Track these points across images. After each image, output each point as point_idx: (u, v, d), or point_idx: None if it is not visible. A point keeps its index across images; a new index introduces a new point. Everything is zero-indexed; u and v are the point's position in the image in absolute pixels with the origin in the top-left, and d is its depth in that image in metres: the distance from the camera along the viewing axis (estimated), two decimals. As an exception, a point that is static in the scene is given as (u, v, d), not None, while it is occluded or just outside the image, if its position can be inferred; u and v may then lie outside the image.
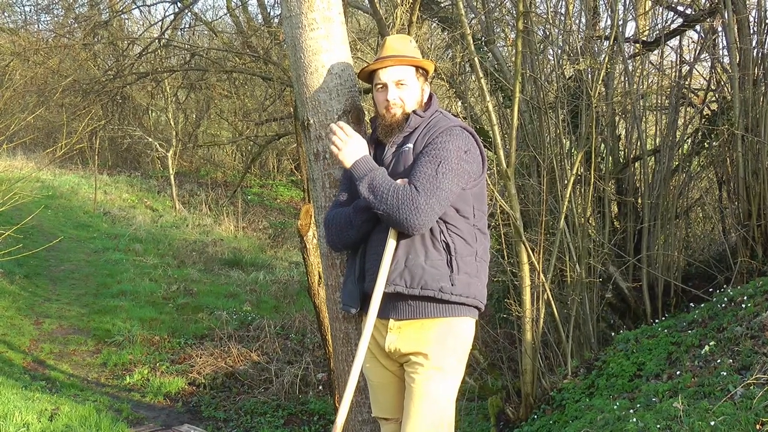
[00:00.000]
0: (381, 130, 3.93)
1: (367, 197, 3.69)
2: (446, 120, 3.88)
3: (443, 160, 3.67)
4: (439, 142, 3.73)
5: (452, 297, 3.70)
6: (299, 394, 9.86)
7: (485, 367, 9.04)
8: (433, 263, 3.69)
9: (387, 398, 3.98)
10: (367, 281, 3.82)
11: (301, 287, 13.98)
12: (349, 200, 3.92)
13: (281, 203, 23.99)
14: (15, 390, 8.40)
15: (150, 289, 13.54)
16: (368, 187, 3.70)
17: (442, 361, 3.76)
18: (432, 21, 12.39)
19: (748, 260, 8.38)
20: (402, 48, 3.94)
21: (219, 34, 20.40)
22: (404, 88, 3.89)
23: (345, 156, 3.83)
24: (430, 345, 3.75)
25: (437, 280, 3.67)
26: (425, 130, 3.82)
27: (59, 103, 18.94)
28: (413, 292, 3.67)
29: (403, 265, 3.68)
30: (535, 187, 9.07)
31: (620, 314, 9.60)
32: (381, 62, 3.91)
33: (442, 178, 3.64)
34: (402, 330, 3.78)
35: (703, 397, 5.56)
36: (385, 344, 3.82)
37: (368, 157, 3.82)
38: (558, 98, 8.92)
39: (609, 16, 9.59)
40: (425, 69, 3.99)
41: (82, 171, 22.51)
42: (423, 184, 3.61)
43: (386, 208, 3.63)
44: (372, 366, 3.94)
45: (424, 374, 3.75)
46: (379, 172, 3.73)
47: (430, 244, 3.69)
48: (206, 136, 25.99)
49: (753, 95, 8.62)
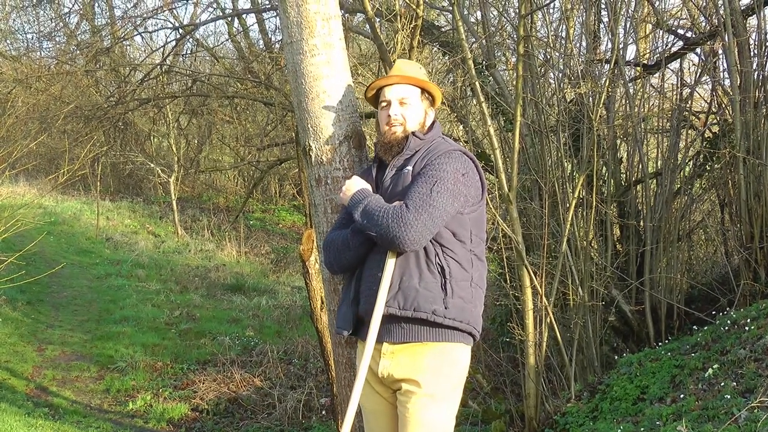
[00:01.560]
0: (380, 147, 3.95)
1: (361, 222, 3.72)
2: (446, 144, 3.90)
3: (439, 180, 3.68)
4: (437, 163, 3.75)
5: (445, 320, 3.69)
6: (302, 419, 9.80)
7: (488, 391, 9.02)
8: (427, 285, 3.67)
9: (380, 426, 3.97)
10: (362, 304, 3.80)
11: (304, 312, 13.94)
12: (348, 223, 3.93)
13: (283, 228, 23.98)
14: (18, 417, 8.37)
15: (152, 314, 13.51)
16: (362, 213, 3.72)
17: (434, 388, 3.74)
18: (433, 45, 12.46)
19: (750, 283, 8.37)
20: (410, 70, 3.98)
21: (221, 60, 20.54)
22: (407, 107, 3.92)
23: (344, 193, 3.88)
24: (423, 372, 3.73)
25: (430, 303, 3.66)
26: (425, 153, 3.84)
27: (61, 130, 19.03)
28: (406, 313, 3.66)
29: (397, 287, 3.68)
30: (537, 210, 9.07)
31: (623, 337, 9.58)
32: (387, 79, 3.96)
33: (436, 196, 3.64)
34: (395, 355, 3.76)
35: (707, 421, 5.54)
36: (379, 369, 3.80)
37: (365, 189, 3.84)
38: (559, 121, 8.94)
39: (609, 39, 9.62)
40: (431, 93, 4.01)
41: (84, 197, 22.51)
42: (414, 202, 3.62)
43: (378, 228, 3.64)
44: (365, 392, 3.89)
45: (417, 402, 3.73)
46: (373, 198, 3.75)
47: (424, 267, 3.69)
48: (208, 162, 26.04)
49: (754, 118, 8.64)
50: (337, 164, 4.22)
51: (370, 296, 3.73)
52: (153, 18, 18.18)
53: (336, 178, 4.23)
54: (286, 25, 4.19)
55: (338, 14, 4.25)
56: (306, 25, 4.13)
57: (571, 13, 9.88)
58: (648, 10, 10.56)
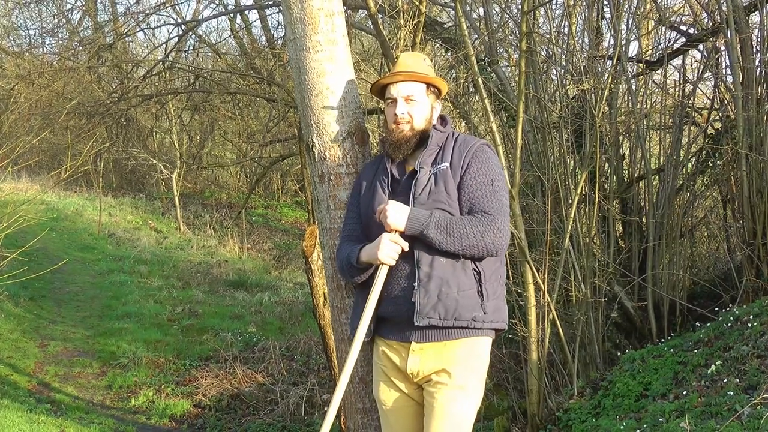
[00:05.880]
0: (389, 145, 3.92)
1: (440, 240, 3.64)
2: (472, 138, 3.91)
3: (494, 179, 3.75)
4: (481, 160, 3.78)
5: (483, 324, 3.73)
6: (305, 415, 9.80)
7: (491, 387, 9.00)
8: (466, 294, 3.67)
9: (401, 423, 3.94)
10: (383, 306, 3.80)
11: (306, 308, 13.94)
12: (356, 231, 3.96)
13: (286, 224, 23.99)
14: (20, 413, 8.37)
15: (155, 310, 13.52)
16: (437, 230, 3.64)
17: (464, 380, 3.74)
18: (435, 42, 12.43)
19: (753, 279, 8.36)
20: (414, 64, 3.94)
21: (223, 56, 20.51)
22: (413, 104, 3.88)
23: (394, 219, 3.69)
24: (454, 364, 3.74)
25: (470, 311, 3.68)
26: (458, 149, 3.84)
27: (64, 126, 19.01)
28: (447, 323, 3.67)
29: (436, 298, 3.64)
30: (540, 207, 9.07)
31: (626, 334, 9.57)
32: (392, 77, 3.92)
33: (500, 195, 3.72)
34: (425, 351, 3.76)
35: (710, 417, 5.54)
36: (407, 367, 3.79)
37: (415, 210, 3.73)
38: (562, 118, 8.93)
39: (612, 35, 9.59)
40: (437, 87, 3.99)
41: (86, 193, 22.52)
42: (493, 207, 3.67)
43: (469, 241, 3.62)
44: (386, 390, 3.91)
45: (447, 393, 3.72)
46: (436, 215, 3.68)
47: (461, 274, 3.68)
48: (210, 158, 26.02)
49: (756, 114, 8.63)
50: (340, 160, 4.21)
51: (391, 298, 3.75)
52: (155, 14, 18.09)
53: (339, 174, 4.22)
54: (290, 22, 4.18)
55: (342, 11, 4.24)
56: (309, 22, 4.12)
57: (574, 9, 9.87)
58: (650, 6, 10.55)
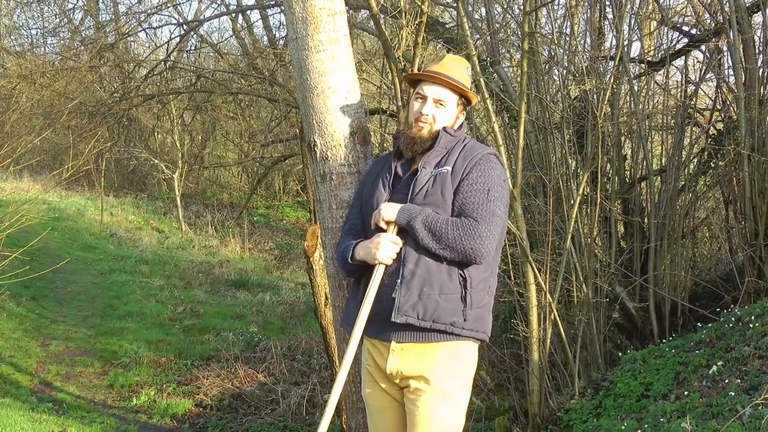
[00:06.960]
0: (403, 140, 3.90)
1: (424, 237, 3.63)
2: (481, 146, 3.87)
3: (492, 188, 3.68)
4: (483, 169, 3.73)
5: (463, 332, 3.68)
6: (306, 415, 9.80)
7: (492, 387, 9.00)
8: (448, 297, 3.63)
9: (386, 424, 3.93)
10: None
11: (308, 308, 13.94)
12: (357, 227, 3.95)
13: (287, 224, 23.99)
14: (22, 412, 8.37)
15: (156, 310, 13.53)
16: (423, 225, 3.63)
17: (444, 385, 3.71)
18: (437, 42, 12.43)
19: (755, 280, 8.36)
20: (456, 70, 3.89)
21: (225, 56, 20.53)
22: (441, 109, 3.86)
23: (386, 212, 3.73)
24: (433, 369, 3.70)
25: (450, 315, 3.63)
26: (462, 155, 3.79)
27: (65, 126, 19.03)
28: (424, 324, 3.63)
29: (417, 297, 3.62)
30: (542, 207, 9.06)
31: (627, 334, 9.57)
32: (431, 76, 3.86)
33: (494, 205, 3.65)
34: (404, 351, 3.73)
35: (712, 418, 5.54)
36: (387, 366, 3.76)
37: (405, 205, 3.74)
38: (564, 118, 8.93)
39: (614, 36, 9.59)
40: (467, 99, 3.96)
41: (88, 193, 22.54)
42: (481, 214, 3.61)
43: (448, 242, 3.58)
44: (372, 391, 3.90)
45: (428, 400, 3.69)
46: (426, 211, 3.67)
47: (446, 278, 3.64)
48: (212, 158, 26.07)
49: (759, 115, 8.63)
50: (342, 160, 4.22)
51: (380, 298, 3.70)
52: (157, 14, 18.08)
53: (341, 174, 4.22)
54: (291, 21, 4.19)
55: (343, 10, 4.25)
56: (311, 21, 4.12)
57: (576, 9, 9.88)
58: (653, 6, 10.55)
